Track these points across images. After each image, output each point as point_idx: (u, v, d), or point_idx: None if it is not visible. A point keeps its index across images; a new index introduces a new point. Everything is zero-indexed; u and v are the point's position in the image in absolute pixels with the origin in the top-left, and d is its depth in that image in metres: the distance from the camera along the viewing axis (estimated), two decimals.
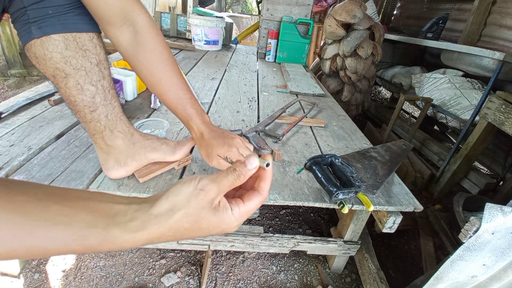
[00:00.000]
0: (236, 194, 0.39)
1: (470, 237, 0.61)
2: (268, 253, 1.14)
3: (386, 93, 3.80)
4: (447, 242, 1.26)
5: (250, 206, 0.35)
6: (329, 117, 1.32)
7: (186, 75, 1.64)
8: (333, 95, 1.84)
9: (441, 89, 1.96)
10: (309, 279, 1.07)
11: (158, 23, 2.61)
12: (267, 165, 0.34)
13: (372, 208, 0.74)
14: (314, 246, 0.99)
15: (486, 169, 2.03)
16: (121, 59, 1.35)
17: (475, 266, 0.64)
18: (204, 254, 1.10)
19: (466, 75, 2.00)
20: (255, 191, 0.36)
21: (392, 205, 0.77)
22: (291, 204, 0.75)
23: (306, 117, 1.23)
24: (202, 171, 0.80)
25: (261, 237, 0.95)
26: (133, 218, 0.29)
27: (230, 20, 2.70)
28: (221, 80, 1.65)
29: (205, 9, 2.74)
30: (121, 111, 0.67)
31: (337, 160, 0.85)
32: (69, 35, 0.55)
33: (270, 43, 2.22)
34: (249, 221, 1.29)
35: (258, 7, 2.81)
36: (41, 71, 0.58)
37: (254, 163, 0.34)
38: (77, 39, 0.56)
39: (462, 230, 0.64)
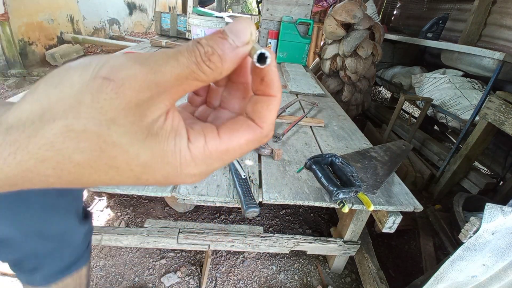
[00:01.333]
0: (209, 117, 0.21)
1: (470, 237, 0.61)
2: (268, 253, 1.14)
3: (386, 93, 3.80)
4: (447, 242, 1.26)
5: (232, 143, 0.17)
6: (329, 117, 1.32)
7: None
8: (333, 95, 1.84)
9: (441, 89, 1.96)
10: (309, 279, 1.07)
11: (158, 23, 2.61)
12: (261, 58, 0.16)
13: (372, 207, 0.74)
14: (314, 246, 0.98)
15: (486, 169, 2.03)
16: None
17: (475, 266, 0.64)
18: (204, 254, 1.09)
19: (466, 75, 2.00)
20: (247, 118, 0.18)
21: (392, 205, 0.76)
22: (291, 203, 0.75)
23: (306, 117, 1.23)
24: None
25: (261, 237, 0.95)
26: None
27: (230, 20, 2.70)
28: None
29: (205, 9, 2.74)
30: None
31: (337, 160, 0.85)
32: None
33: (270, 43, 2.21)
34: (249, 221, 1.29)
35: (258, 7, 2.81)
36: None
37: (244, 33, 0.16)
38: None
39: (462, 230, 0.64)
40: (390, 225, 0.77)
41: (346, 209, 0.74)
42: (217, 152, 0.17)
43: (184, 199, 0.72)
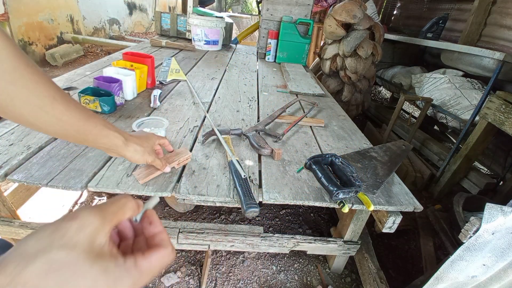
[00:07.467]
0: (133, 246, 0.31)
1: (470, 237, 0.61)
2: (268, 253, 1.14)
3: (386, 93, 3.80)
4: (447, 242, 1.26)
5: (151, 260, 0.26)
6: (329, 117, 1.32)
7: (186, 75, 1.63)
8: (333, 95, 1.84)
9: (441, 89, 1.96)
10: (309, 279, 1.07)
11: (158, 23, 2.61)
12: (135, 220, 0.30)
13: (372, 207, 0.74)
14: (314, 246, 0.98)
15: (486, 169, 2.03)
16: (121, 59, 1.35)
17: (475, 266, 0.64)
18: (204, 254, 1.09)
19: (466, 75, 2.00)
20: (155, 245, 0.28)
21: (392, 205, 0.76)
22: (291, 203, 0.75)
23: (306, 117, 1.23)
24: (201, 170, 0.80)
25: (261, 237, 0.95)
26: None
27: (230, 20, 2.70)
28: (221, 80, 1.65)
29: (205, 9, 2.74)
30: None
31: (337, 160, 0.85)
32: None
33: (270, 43, 2.21)
34: (249, 221, 1.29)
35: (258, 7, 2.81)
36: None
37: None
38: None
39: (462, 230, 0.64)
40: (390, 225, 0.77)
41: (346, 209, 0.74)
42: (147, 268, 0.25)
43: (184, 199, 0.72)
